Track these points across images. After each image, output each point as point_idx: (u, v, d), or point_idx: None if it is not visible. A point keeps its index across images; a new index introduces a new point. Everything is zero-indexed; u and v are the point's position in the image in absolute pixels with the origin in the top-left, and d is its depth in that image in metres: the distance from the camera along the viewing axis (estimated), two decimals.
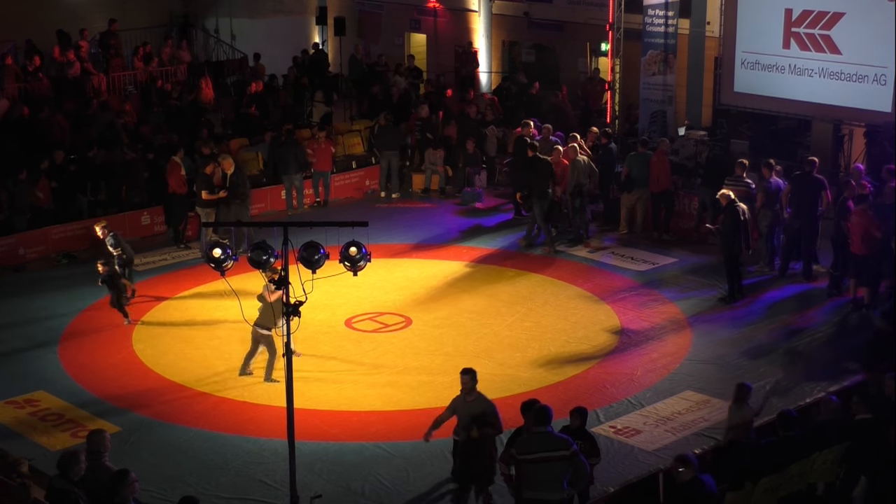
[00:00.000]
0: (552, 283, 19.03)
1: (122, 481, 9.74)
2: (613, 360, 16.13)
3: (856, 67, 21.04)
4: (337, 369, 15.75)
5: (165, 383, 15.54)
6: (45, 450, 13.47)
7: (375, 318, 17.63)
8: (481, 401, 11.89)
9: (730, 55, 23.04)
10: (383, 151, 24.06)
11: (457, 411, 12.01)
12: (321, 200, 23.56)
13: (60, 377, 15.72)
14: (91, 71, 27.00)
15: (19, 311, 18.11)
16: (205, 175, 20.08)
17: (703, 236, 20.54)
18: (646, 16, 24.13)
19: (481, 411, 11.73)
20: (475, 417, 11.65)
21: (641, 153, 21.01)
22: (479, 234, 21.73)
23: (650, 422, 14.22)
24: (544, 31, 29.14)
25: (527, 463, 10.59)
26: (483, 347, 16.51)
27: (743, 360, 15.93)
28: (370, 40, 32.59)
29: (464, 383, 11.94)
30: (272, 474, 13.00)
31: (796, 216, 18.61)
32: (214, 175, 20.15)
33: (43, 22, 28.55)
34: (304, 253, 10.31)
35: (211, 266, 10.60)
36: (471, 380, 11.93)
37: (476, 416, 11.66)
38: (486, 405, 11.82)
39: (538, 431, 10.67)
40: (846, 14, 21.04)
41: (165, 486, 12.70)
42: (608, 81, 24.95)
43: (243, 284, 14.77)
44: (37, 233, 20.50)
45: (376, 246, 18.56)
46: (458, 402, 12.01)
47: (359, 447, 13.71)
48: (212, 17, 32.64)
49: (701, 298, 18.30)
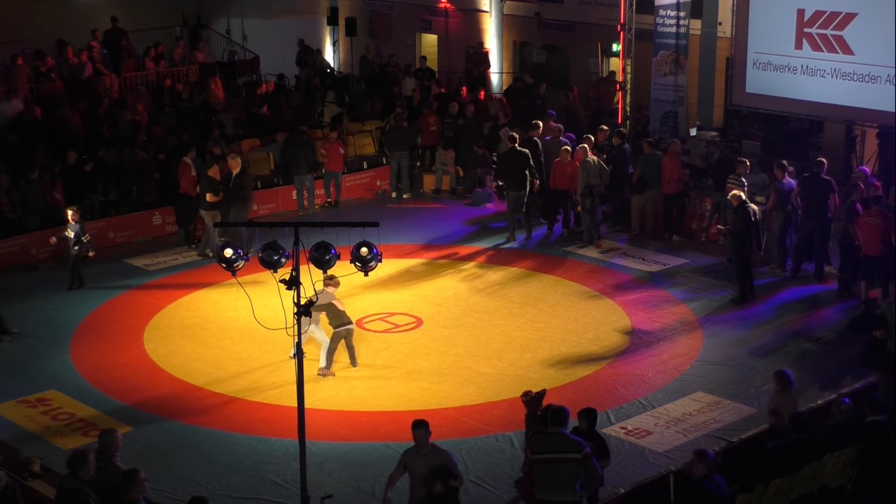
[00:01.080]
0: (563, 284, 19.02)
1: (131, 480, 9.76)
2: (624, 360, 16.11)
3: (868, 68, 20.97)
4: (347, 370, 15.74)
5: (176, 383, 15.56)
6: (57, 449, 13.49)
7: (386, 318, 17.64)
8: (438, 453, 10.95)
9: (741, 56, 22.98)
10: (394, 152, 24.07)
11: (410, 467, 11.02)
12: (332, 201, 23.58)
13: (72, 376, 15.76)
14: (103, 71, 27.06)
15: (31, 310, 18.16)
16: (208, 177, 20.05)
17: (713, 238, 20.52)
18: (657, 16, 24.09)
19: (441, 464, 10.84)
20: (436, 471, 10.79)
21: (650, 154, 20.98)
22: (489, 235, 21.71)
23: (661, 423, 14.20)
24: (555, 32, 29.11)
25: (539, 463, 10.59)
26: (493, 348, 16.51)
27: (754, 362, 15.89)
28: (381, 41, 32.61)
29: (418, 438, 10.92)
30: (283, 474, 13.02)
31: (806, 218, 18.59)
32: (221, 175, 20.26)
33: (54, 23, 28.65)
34: (315, 253, 10.32)
35: (222, 266, 10.62)
36: (424, 433, 10.92)
37: (436, 469, 10.80)
38: (444, 457, 10.90)
39: (553, 432, 10.66)
40: (859, 14, 20.97)
41: (176, 486, 12.72)
42: (619, 82, 24.91)
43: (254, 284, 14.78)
44: (49, 232, 20.50)
45: (387, 246, 18.56)
46: (411, 457, 11.01)
47: (369, 447, 13.71)
48: (223, 18, 32.68)
49: (712, 299, 18.27)
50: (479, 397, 14.94)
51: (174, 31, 30.84)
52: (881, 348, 13.94)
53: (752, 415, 14.22)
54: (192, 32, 31.45)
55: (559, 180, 21.13)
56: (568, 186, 21.11)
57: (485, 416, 14.37)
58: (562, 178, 21.10)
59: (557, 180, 21.16)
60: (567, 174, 21.00)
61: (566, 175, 21.01)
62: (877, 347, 14.03)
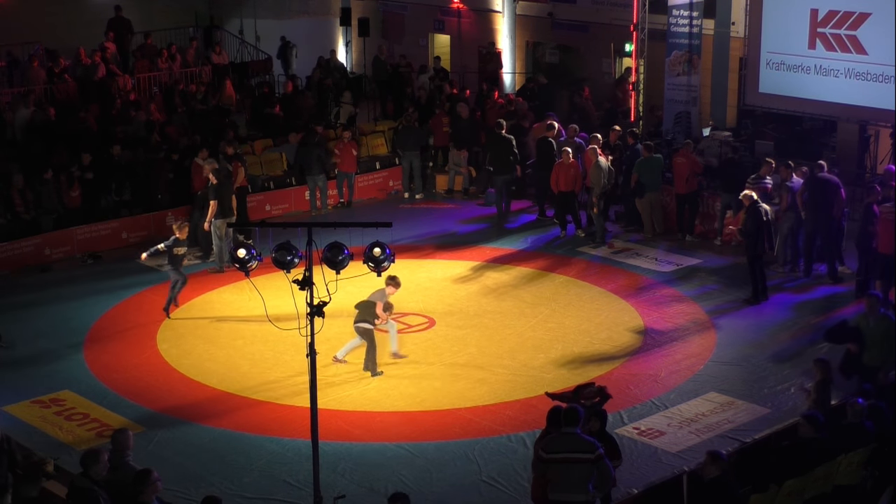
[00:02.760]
0: (575, 284, 19.00)
1: (144, 481, 9.78)
2: (637, 361, 16.08)
3: (882, 68, 20.90)
4: (360, 370, 15.75)
5: (189, 383, 15.59)
6: (71, 449, 13.53)
7: (399, 318, 17.61)
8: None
9: (755, 56, 22.94)
10: (405, 152, 24.08)
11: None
12: (345, 201, 23.59)
13: (85, 377, 15.80)
14: (116, 72, 27.12)
15: (45, 311, 18.21)
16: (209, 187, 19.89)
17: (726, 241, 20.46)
18: (670, 16, 24.05)
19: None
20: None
21: (648, 158, 20.90)
22: (502, 235, 21.71)
23: (674, 423, 14.17)
24: (568, 32, 29.07)
25: (552, 463, 10.58)
26: (506, 348, 16.50)
27: (768, 362, 15.86)
28: (394, 41, 32.62)
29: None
30: (296, 474, 13.03)
31: (810, 218, 18.55)
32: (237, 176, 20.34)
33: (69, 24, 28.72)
34: (328, 254, 10.34)
35: (235, 267, 10.64)
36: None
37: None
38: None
39: (567, 432, 10.66)
40: (872, 14, 20.91)
41: (189, 486, 12.74)
42: (632, 82, 24.88)
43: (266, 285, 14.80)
44: (62, 233, 20.61)
45: (400, 246, 18.65)
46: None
47: (382, 448, 13.72)
48: (236, 19, 32.73)
49: (725, 299, 18.23)
50: (492, 398, 14.93)
51: (187, 32, 30.90)
52: (857, 360, 13.84)
53: (766, 415, 14.20)
54: (206, 33, 31.51)
55: (563, 181, 21.09)
56: (572, 187, 21.08)
57: (498, 417, 14.35)
58: (565, 180, 21.06)
59: (561, 182, 21.11)
60: (570, 175, 20.97)
61: (570, 176, 20.98)
62: (852, 360, 13.93)
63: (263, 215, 22.41)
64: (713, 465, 10.21)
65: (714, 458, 10.30)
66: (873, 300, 14.04)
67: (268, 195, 23.02)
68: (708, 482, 10.20)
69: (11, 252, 19.97)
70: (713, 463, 10.23)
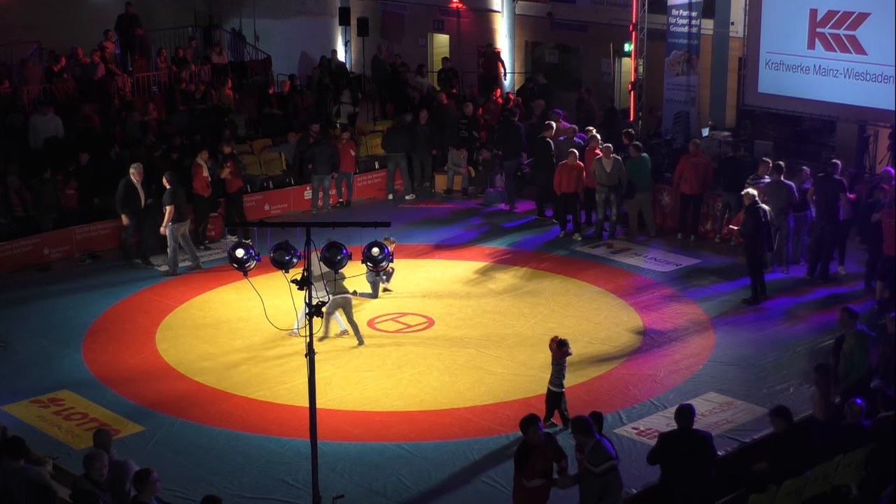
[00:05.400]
0: (575, 284, 19.00)
1: (144, 480, 9.78)
2: (636, 361, 16.08)
3: (881, 68, 20.91)
4: (359, 370, 15.76)
5: (188, 383, 15.59)
6: (70, 448, 13.54)
7: (398, 318, 17.64)
8: None
9: (754, 56, 22.94)
10: (390, 154, 23.99)
11: None
12: (344, 201, 23.58)
13: (84, 376, 15.79)
14: (115, 72, 27.11)
15: (44, 310, 18.21)
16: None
17: (725, 238, 20.48)
18: (670, 16, 24.06)
19: None
20: None
21: (636, 158, 20.86)
22: (501, 235, 21.71)
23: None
24: (568, 32, 29.07)
25: (607, 474, 10.79)
26: (505, 348, 16.49)
27: (767, 362, 15.85)
28: (393, 41, 32.62)
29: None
30: (294, 474, 13.02)
31: (820, 218, 18.54)
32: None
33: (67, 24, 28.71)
34: (326, 253, 10.33)
35: (234, 266, 10.64)
36: None
37: None
38: None
39: (598, 439, 10.86)
40: (871, 14, 20.91)
41: (188, 486, 12.74)
42: (632, 82, 24.87)
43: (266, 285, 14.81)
44: (61, 233, 20.59)
45: (398, 246, 18.64)
46: None
47: (381, 447, 13.71)
48: (235, 18, 32.74)
49: (724, 299, 18.23)
50: (491, 397, 14.93)
51: (187, 32, 30.90)
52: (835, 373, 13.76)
53: (765, 415, 14.16)
54: (205, 33, 31.50)
55: (565, 183, 21.07)
56: (575, 188, 21.07)
57: (496, 417, 14.35)
58: (568, 181, 21.05)
59: (563, 183, 21.09)
60: (574, 176, 20.96)
61: (573, 178, 20.97)
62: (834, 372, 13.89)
63: (262, 215, 22.41)
64: (780, 420, 10.88)
65: (778, 412, 11.02)
66: (845, 315, 13.51)
67: (266, 195, 23.02)
68: (780, 437, 10.76)
69: (10, 252, 19.94)
70: (779, 417, 10.92)
